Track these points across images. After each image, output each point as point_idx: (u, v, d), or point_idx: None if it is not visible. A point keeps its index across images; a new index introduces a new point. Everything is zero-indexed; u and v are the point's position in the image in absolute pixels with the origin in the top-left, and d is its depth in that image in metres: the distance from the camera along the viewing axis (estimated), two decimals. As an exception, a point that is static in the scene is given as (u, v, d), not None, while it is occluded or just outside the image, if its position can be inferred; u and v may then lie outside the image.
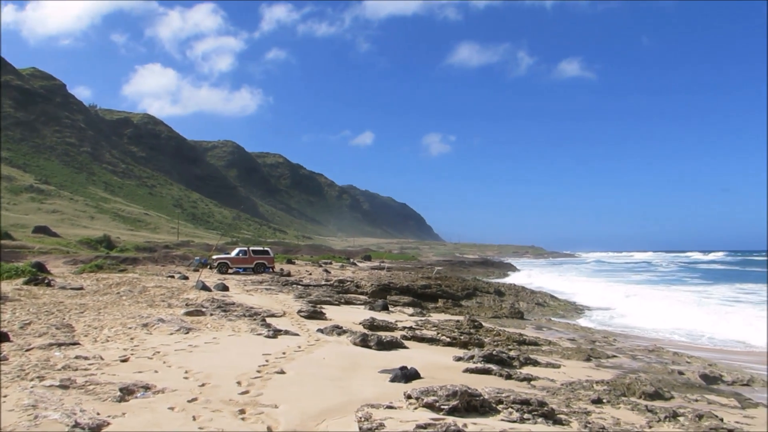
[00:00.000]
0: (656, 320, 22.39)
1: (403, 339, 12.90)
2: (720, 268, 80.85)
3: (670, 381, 11.56)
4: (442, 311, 22.38)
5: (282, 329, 12.49)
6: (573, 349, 14.45)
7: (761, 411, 9.92)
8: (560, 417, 6.85)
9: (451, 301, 25.60)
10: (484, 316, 21.12)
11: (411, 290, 26.56)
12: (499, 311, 23.14)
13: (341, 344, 11.74)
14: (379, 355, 11.01)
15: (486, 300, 27.23)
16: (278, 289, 24.08)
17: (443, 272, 49.24)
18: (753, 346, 17.24)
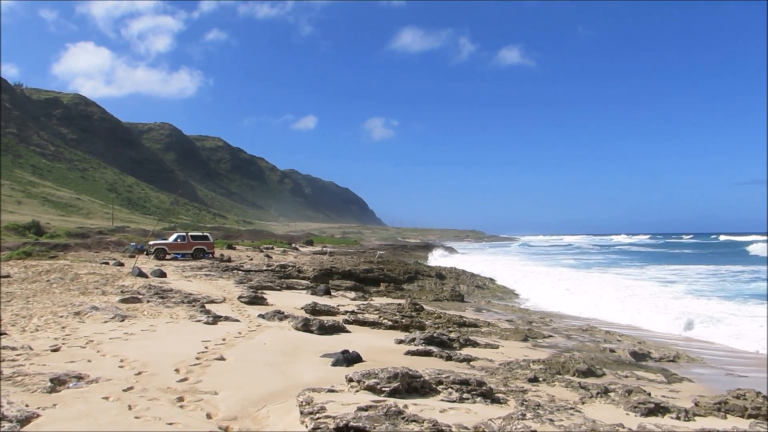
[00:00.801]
0: (586, 301, 23.23)
1: (345, 323, 12.93)
2: (642, 250, 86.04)
3: (602, 359, 12.03)
4: (384, 295, 22.54)
5: (222, 315, 12.31)
6: (511, 330, 14.84)
7: (686, 385, 10.48)
8: (498, 396, 7.04)
9: (393, 284, 25.81)
10: (425, 300, 21.39)
11: (353, 274, 26.62)
12: (440, 294, 23.48)
13: (283, 329, 11.67)
14: (321, 339, 11.01)
15: (427, 283, 27.56)
16: (218, 275, 23.67)
17: (385, 256, 49.54)
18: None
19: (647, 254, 73.17)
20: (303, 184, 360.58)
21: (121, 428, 5.14)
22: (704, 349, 14.43)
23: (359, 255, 49.36)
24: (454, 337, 12.27)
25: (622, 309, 20.63)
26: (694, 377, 11.27)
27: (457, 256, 64.24)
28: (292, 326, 11.89)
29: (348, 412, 4.91)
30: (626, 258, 63.58)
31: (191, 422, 5.45)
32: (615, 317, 19.29)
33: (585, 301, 22.74)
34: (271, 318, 12.70)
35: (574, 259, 63.93)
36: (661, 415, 7.40)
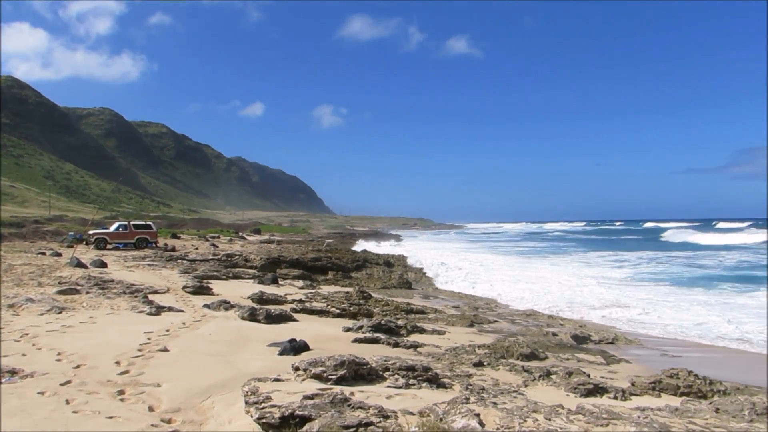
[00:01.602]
0: (528, 287, 23.84)
1: (292, 312, 12.86)
2: (574, 237, 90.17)
3: (545, 342, 12.36)
4: (333, 283, 22.50)
5: (166, 306, 12.04)
6: (457, 316, 15.06)
7: (623, 366, 10.89)
8: (444, 381, 7.14)
9: (341, 273, 25.79)
10: (373, 287, 21.47)
11: (301, 263, 26.46)
12: (388, 282, 23.61)
13: (229, 319, 11.51)
14: (268, 328, 10.92)
15: (375, 271, 27.66)
16: (162, 264, 23.12)
17: (334, 245, 49.41)
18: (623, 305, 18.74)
19: (577, 240, 76.19)
20: (250, 172, 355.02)
21: (58, 424, 4.97)
22: (642, 330, 14.99)
23: (307, 243, 49.05)
24: (401, 324, 12.38)
25: (558, 294, 21.27)
26: (632, 358, 11.71)
27: (405, 244, 64.65)
28: (238, 316, 11.74)
29: (294, 400, 4.88)
30: (562, 245, 65.66)
31: (132, 415, 5.32)
32: (553, 302, 19.83)
33: (527, 287, 23.33)
34: (217, 308, 12.51)
35: (513, 246, 65.58)
36: (599, 395, 7.67)
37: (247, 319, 11.46)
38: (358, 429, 4.29)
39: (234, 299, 13.87)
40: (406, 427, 4.66)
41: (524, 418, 4.55)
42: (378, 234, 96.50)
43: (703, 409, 5.75)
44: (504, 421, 4.48)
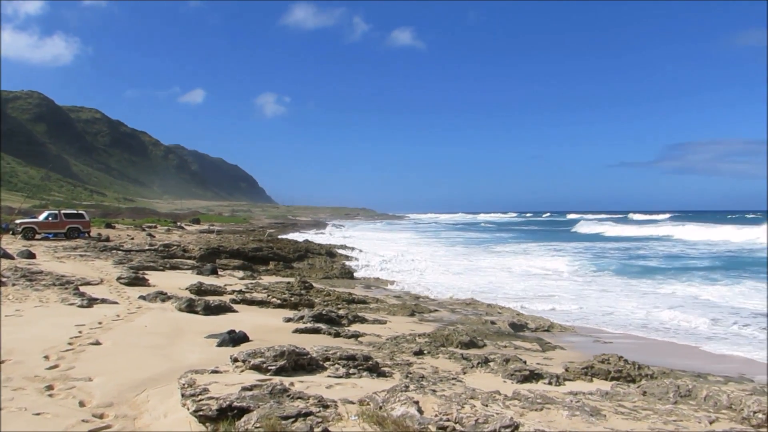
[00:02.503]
0: (471, 276, 24.33)
1: (232, 303, 12.66)
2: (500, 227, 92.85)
3: (484, 330, 12.62)
4: (274, 274, 22.28)
5: (98, 298, 11.63)
6: (399, 306, 15.18)
7: (558, 352, 11.24)
8: (384, 370, 7.20)
9: (282, 263, 25.55)
10: (315, 277, 21.37)
11: (242, 253, 26.06)
12: (330, 272, 23.55)
13: (165, 311, 11.23)
14: (207, 320, 10.72)
15: (318, 261, 27.52)
16: (95, 255, 22.32)
17: (275, 235, 48.90)
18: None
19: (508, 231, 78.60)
20: (189, 161, 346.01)
21: (-20, 421, 4.73)
22: (576, 318, 15.50)
23: (248, 233, 48.33)
24: (343, 314, 12.38)
25: (497, 284, 21.80)
26: (566, 345, 12.11)
27: (348, 234, 64.63)
28: (175, 307, 11.47)
29: (232, 392, 4.81)
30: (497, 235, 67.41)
31: (62, 411, 5.12)
32: (493, 291, 20.28)
33: (466, 277, 23.81)
34: (153, 299, 12.18)
35: (454, 235, 66.74)
36: (535, 381, 7.89)
37: (185, 311, 11.21)
38: (297, 419, 4.27)
39: (171, 290, 13.53)
40: (345, 416, 4.67)
41: (462, 404, 4.64)
42: (320, 224, 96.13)
43: (631, 392, 6.00)
44: (442, 408, 4.55)
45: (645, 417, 4.80)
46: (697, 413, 4.96)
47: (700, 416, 4.84)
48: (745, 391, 6.48)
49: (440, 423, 4.32)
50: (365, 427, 4.43)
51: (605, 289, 20.97)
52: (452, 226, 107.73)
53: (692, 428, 4.49)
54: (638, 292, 20.40)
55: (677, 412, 4.95)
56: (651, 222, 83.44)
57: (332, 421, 4.52)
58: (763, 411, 4.94)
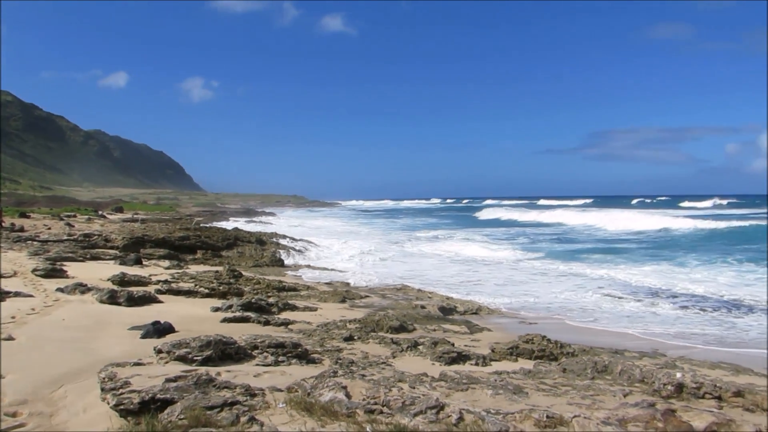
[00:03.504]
0: (402, 261, 24.62)
1: (157, 293, 12.30)
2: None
3: (414, 315, 12.79)
4: (202, 262, 21.76)
5: (11, 291, 11.01)
6: (330, 292, 15.17)
7: (486, 334, 11.54)
8: (314, 356, 7.19)
9: (211, 252, 24.96)
10: (244, 266, 21.03)
11: (168, 242, 25.26)
12: (260, 260, 23.23)
13: (86, 303, 10.78)
14: (131, 311, 10.37)
15: (247, 249, 27.05)
16: (8, 246, 21.10)
17: (203, 223, 47.73)
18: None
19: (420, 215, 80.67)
20: (111, 146, 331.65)
21: None
22: (503, 300, 15.95)
23: (175, 222, 46.94)
24: (272, 301, 12.25)
25: (427, 269, 22.18)
26: (493, 326, 12.45)
27: (278, 221, 63.92)
28: (96, 299, 11.02)
29: (155, 384, 4.68)
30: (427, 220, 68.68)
31: (-31, 411, 4.84)
32: (422, 276, 20.61)
33: (397, 261, 24.09)
34: (72, 291, 11.66)
35: (387, 221, 67.40)
36: (463, 362, 8.09)
37: (107, 302, 10.79)
38: (223, 409, 4.21)
39: (92, 282, 12.99)
40: (273, 403, 4.64)
41: (390, 387, 4.69)
42: (250, 211, 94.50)
43: (552, 370, 6.25)
44: (370, 392, 4.59)
45: (564, 393, 5.01)
46: (612, 387, 5.21)
47: (615, 390, 5.09)
48: (657, 365, 6.87)
49: (368, 407, 4.36)
50: (293, 414, 4.42)
51: (531, 273, 21.70)
52: (382, 212, 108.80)
53: (608, 401, 4.72)
54: (561, 274, 21.23)
55: (594, 387, 5.19)
56: (550, 207, 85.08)
57: (259, 409, 4.48)
58: (672, 383, 5.25)
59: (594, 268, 22.46)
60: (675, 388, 5.13)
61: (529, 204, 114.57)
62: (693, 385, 5.11)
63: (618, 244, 34.38)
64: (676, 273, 21.38)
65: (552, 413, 4.16)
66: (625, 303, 15.69)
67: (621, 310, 14.74)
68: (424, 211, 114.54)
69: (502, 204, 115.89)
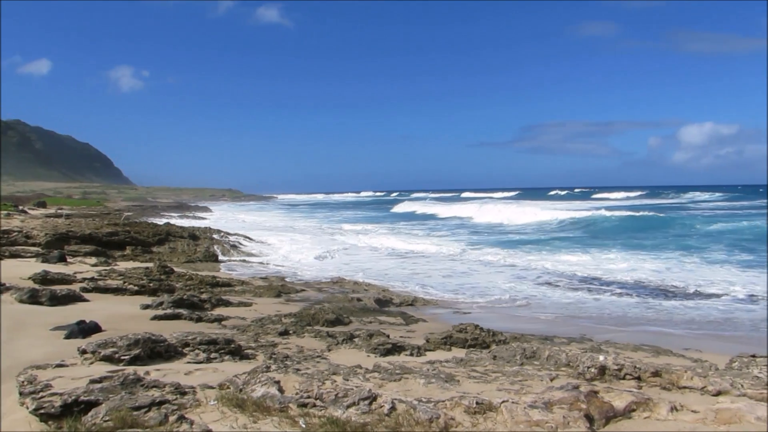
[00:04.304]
0: (338, 254, 24.61)
1: (83, 291, 11.83)
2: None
3: (350, 308, 12.82)
4: (131, 259, 21.06)
5: None
6: (265, 287, 15.00)
7: (421, 325, 11.69)
8: (248, 352, 7.10)
9: (141, 247, 24.18)
10: (177, 262, 20.52)
11: (95, 238, 24.30)
12: (193, 255, 22.71)
13: (4, 303, 10.23)
14: (54, 311, 9.93)
15: (180, 245, 26.36)
16: None
17: (133, 218, 46.18)
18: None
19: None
20: (33, 138, 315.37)
21: None
22: (439, 291, 16.22)
23: (103, 217, 45.12)
24: (205, 297, 12.00)
25: (364, 262, 22.28)
26: (428, 317, 12.63)
27: (212, 216, 62.62)
28: (15, 299, 10.49)
29: (79, 386, 4.51)
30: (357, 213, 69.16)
31: None
32: (359, 269, 20.70)
33: (334, 255, 24.09)
34: (-11, 291, 11.05)
35: (322, 214, 67.36)
36: (397, 353, 8.17)
37: (27, 302, 10.29)
38: (151, 408, 4.10)
39: (11, 280, 12.34)
40: (204, 401, 4.56)
41: (323, 380, 4.69)
42: (183, 206, 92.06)
43: (483, 357, 6.40)
44: (303, 386, 4.57)
45: (494, 379, 5.14)
46: (540, 372, 5.39)
47: (542, 375, 5.26)
48: (582, 350, 7.14)
49: (301, 400, 4.35)
50: (225, 411, 4.36)
51: (463, 263, 22.14)
52: (315, 206, 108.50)
53: (535, 386, 4.88)
54: (493, 264, 21.76)
55: (523, 373, 5.35)
56: (470, 200, 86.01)
57: (190, 407, 4.39)
58: (595, 366, 5.48)
59: (527, 258, 23.14)
60: (598, 371, 5.35)
61: (453, 197, 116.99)
62: (615, 367, 5.34)
63: (516, 235, 35.53)
64: (602, 261, 22.28)
65: (481, 399, 4.26)
66: (554, 291, 16.26)
67: (551, 298, 15.25)
68: (349, 204, 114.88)
69: (426, 197, 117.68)
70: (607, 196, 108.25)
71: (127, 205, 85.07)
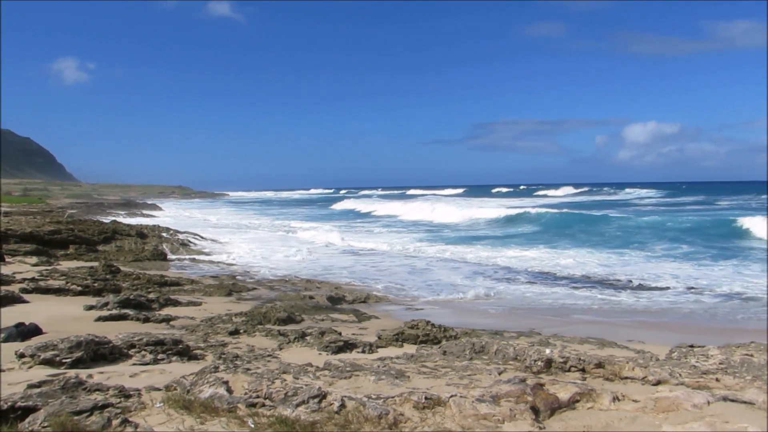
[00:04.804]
0: (290, 252, 24.49)
1: (23, 292, 11.41)
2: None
3: (302, 306, 12.74)
4: (75, 258, 20.40)
5: None
6: (215, 286, 14.77)
7: (373, 322, 11.71)
8: (196, 352, 6.99)
9: (85, 246, 23.43)
10: (123, 260, 19.99)
11: (36, 237, 23.41)
12: (141, 254, 22.16)
13: (-64, 306, 9.79)
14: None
15: (127, 243, 25.67)
16: None
17: (78, 215, 44.75)
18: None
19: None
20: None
21: None
22: (392, 288, 16.29)
23: (44, 215, 43.52)
24: (153, 297, 11.74)
25: (316, 259, 22.22)
26: (381, 314, 12.67)
27: (161, 213, 61.25)
28: (-51, 302, 10.04)
29: (15, 392, 4.35)
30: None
31: None
32: (311, 267, 20.62)
33: (286, 253, 24.01)
34: None
35: (275, 211, 66.79)
36: (349, 350, 8.17)
37: (-38, 305, 9.87)
38: (93, 412, 3.98)
39: (-55, 283, 11.83)
40: (150, 403, 4.46)
41: (273, 380, 4.65)
42: (131, 203, 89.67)
43: (433, 353, 6.47)
44: (252, 385, 4.53)
45: (444, 374, 5.20)
46: (488, 366, 5.48)
47: (490, 369, 5.35)
48: (530, 344, 7.29)
49: (250, 400, 4.30)
50: (171, 413, 4.27)
51: (414, 260, 22.29)
52: (264, 203, 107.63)
53: (483, 380, 4.95)
54: (444, 260, 21.99)
55: (472, 367, 5.43)
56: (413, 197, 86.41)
57: (135, 410, 4.29)
58: (542, 359, 5.60)
59: (478, 253, 23.48)
60: (544, 364, 5.47)
61: (399, 194, 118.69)
62: (560, 360, 5.47)
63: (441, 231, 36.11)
64: (553, 256, 22.78)
65: (430, 394, 4.31)
66: (506, 285, 16.54)
67: (502, 293, 15.51)
68: (293, 202, 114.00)
69: (373, 194, 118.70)
70: (546, 193, 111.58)
71: (71, 203, 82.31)
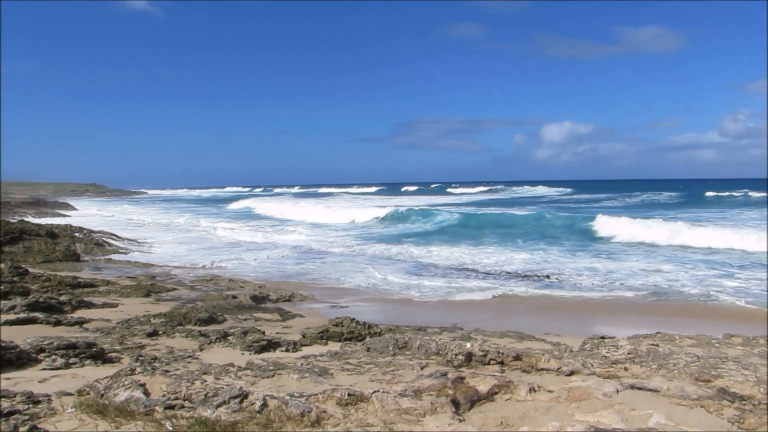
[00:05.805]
0: (211, 251, 23.95)
1: None
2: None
3: (225, 305, 12.50)
4: (-22, 260, 19.16)
5: None
6: (133, 287, 14.25)
7: (298, 320, 11.65)
8: (111, 355, 6.74)
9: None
10: (32, 262, 18.93)
11: (-67, 238, 21.85)
12: (52, 255, 21.05)
13: None
14: None
15: (36, 244, 24.32)
16: None
17: (-19, 215, 41.98)
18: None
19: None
20: None
21: None
22: (317, 286, 16.24)
23: (-57, 215, 40.66)
24: (65, 299, 11.21)
25: (239, 257, 21.89)
26: (305, 312, 12.62)
27: (74, 213, 58.42)
28: None
29: None
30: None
31: None
32: (234, 266, 20.27)
33: (207, 252, 23.51)
34: None
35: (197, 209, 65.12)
36: (273, 350, 8.10)
37: None
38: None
39: None
40: (61, 409, 4.26)
41: (192, 381, 4.55)
42: (40, 202, 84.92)
43: (357, 349, 6.51)
44: (171, 387, 4.41)
45: (367, 370, 5.25)
46: (411, 362, 5.57)
47: (413, 364, 5.44)
48: (452, 338, 7.47)
49: (168, 402, 4.19)
50: (83, 418, 4.10)
51: (341, 257, 22.32)
52: (200, 200, 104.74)
53: (406, 375, 5.03)
54: (368, 257, 22.14)
55: (395, 363, 5.50)
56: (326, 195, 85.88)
57: (44, 416, 4.09)
58: (462, 353, 5.75)
59: (405, 251, 23.76)
60: (465, 358, 5.61)
61: (310, 192, 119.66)
62: (480, 353, 5.63)
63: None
64: (475, 253, 23.35)
65: (353, 391, 4.33)
66: (427, 281, 16.83)
67: (421, 288, 15.76)
68: (202, 200, 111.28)
69: (285, 192, 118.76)
70: (452, 191, 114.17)
71: (-27, 202, 77.15)
